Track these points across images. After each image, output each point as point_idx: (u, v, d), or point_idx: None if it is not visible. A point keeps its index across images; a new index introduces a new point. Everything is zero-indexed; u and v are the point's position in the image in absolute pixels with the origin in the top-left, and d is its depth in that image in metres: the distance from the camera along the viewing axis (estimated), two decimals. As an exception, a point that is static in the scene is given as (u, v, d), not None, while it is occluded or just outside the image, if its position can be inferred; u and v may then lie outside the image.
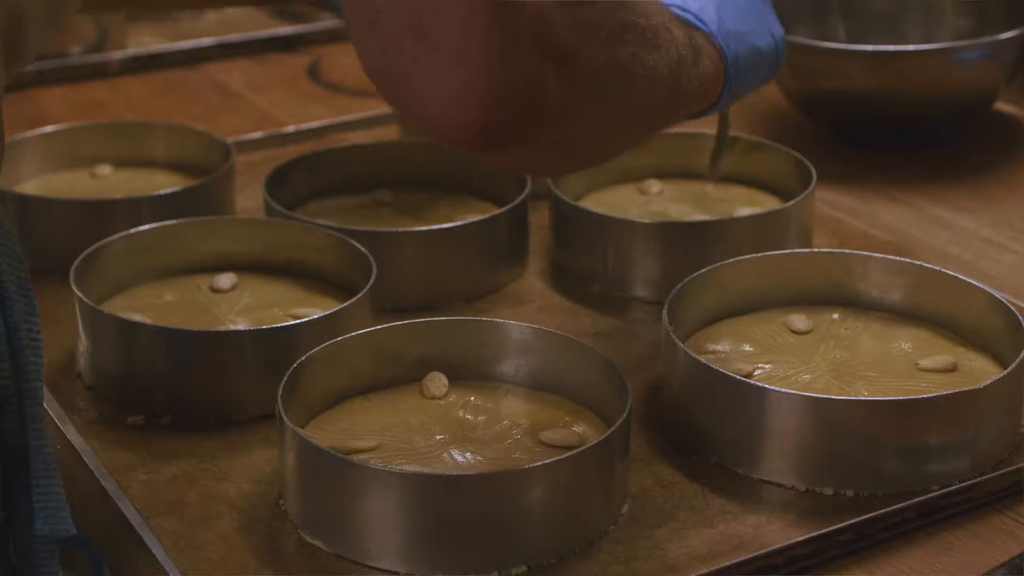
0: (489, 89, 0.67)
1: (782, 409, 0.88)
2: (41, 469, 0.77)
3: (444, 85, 0.67)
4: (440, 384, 0.95)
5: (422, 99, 0.68)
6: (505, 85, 0.68)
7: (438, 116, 0.68)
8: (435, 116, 0.68)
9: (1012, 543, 0.85)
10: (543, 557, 0.83)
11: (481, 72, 0.67)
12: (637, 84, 0.76)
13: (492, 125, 0.68)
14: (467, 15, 0.66)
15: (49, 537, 0.78)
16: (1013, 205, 1.28)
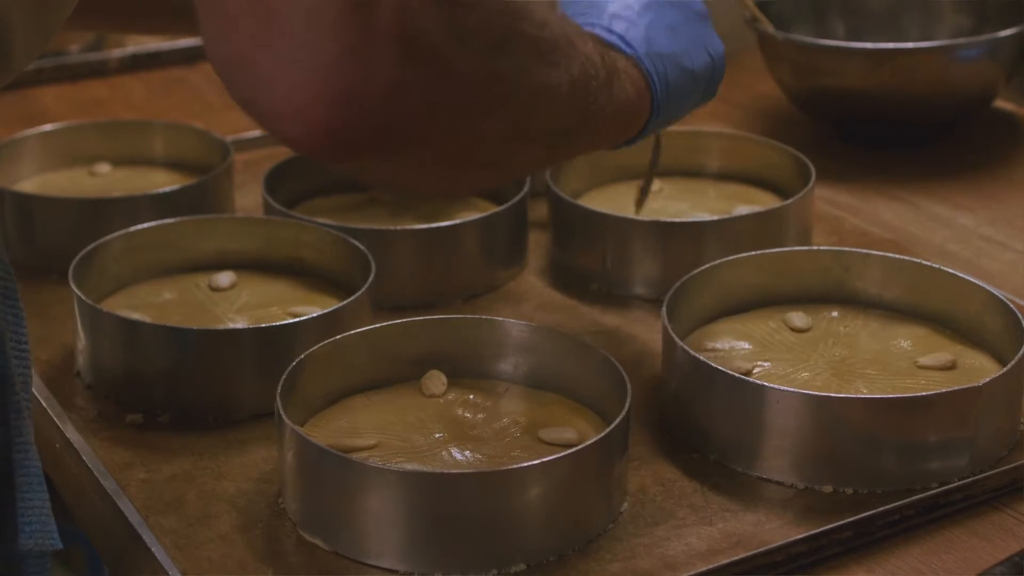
0: (339, 86, 0.61)
1: (781, 407, 0.88)
2: (25, 484, 0.75)
3: (289, 76, 0.61)
4: (439, 382, 0.95)
5: (265, 91, 0.62)
6: (357, 84, 0.61)
7: (281, 112, 0.62)
8: (278, 112, 0.62)
9: (1011, 541, 0.85)
10: (542, 555, 0.83)
11: (331, 65, 0.61)
12: (521, 100, 0.71)
13: (340, 128, 0.62)
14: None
15: (34, 552, 0.76)
16: (1012, 203, 1.28)
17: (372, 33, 0.61)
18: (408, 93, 0.63)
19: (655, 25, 0.91)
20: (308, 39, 0.60)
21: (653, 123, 0.90)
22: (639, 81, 0.88)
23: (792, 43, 1.37)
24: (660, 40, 0.90)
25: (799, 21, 1.47)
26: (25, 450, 0.76)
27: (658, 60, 0.90)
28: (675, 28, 0.92)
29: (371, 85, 0.62)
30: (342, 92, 0.61)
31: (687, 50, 0.92)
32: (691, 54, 0.92)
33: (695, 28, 0.94)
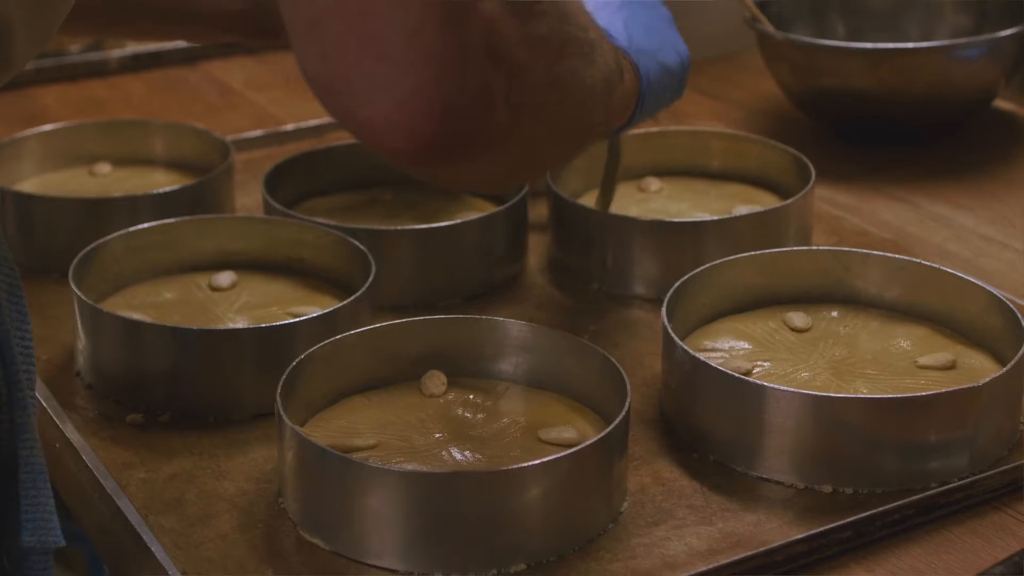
0: (437, 101, 0.65)
1: (781, 407, 0.88)
2: (29, 480, 0.75)
3: (389, 94, 0.64)
4: (439, 382, 0.95)
5: (364, 108, 0.65)
6: (454, 98, 0.65)
7: (381, 127, 0.65)
8: (377, 126, 0.66)
9: (1011, 540, 0.85)
10: (542, 555, 0.83)
11: (430, 83, 0.64)
12: (575, 99, 0.75)
13: (438, 139, 0.66)
14: (418, 22, 0.64)
15: (37, 549, 0.76)
16: (1012, 203, 1.28)
17: (464, 50, 0.65)
18: (494, 102, 0.67)
19: (632, 22, 0.95)
20: (406, 60, 0.64)
21: (637, 115, 0.94)
22: (632, 74, 0.91)
23: (792, 43, 1.37)
24: (639, 36, 0.94)
25: (799, 21, 1.47)
26: (30, 447, 0.76)
27: (640, 55, 0.93)
28: (648, 27, 0.96)
29: (464, 98, 0.65)
30: (440, 108, 0.65)
31: (661, 47, 0.96)
32: (665, 52, 0.97)
33: (664, 28, 0.99)
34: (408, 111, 0.65)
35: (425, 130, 0.65)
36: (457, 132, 0.66)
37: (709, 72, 1.54)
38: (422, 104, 0.65)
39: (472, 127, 0.67)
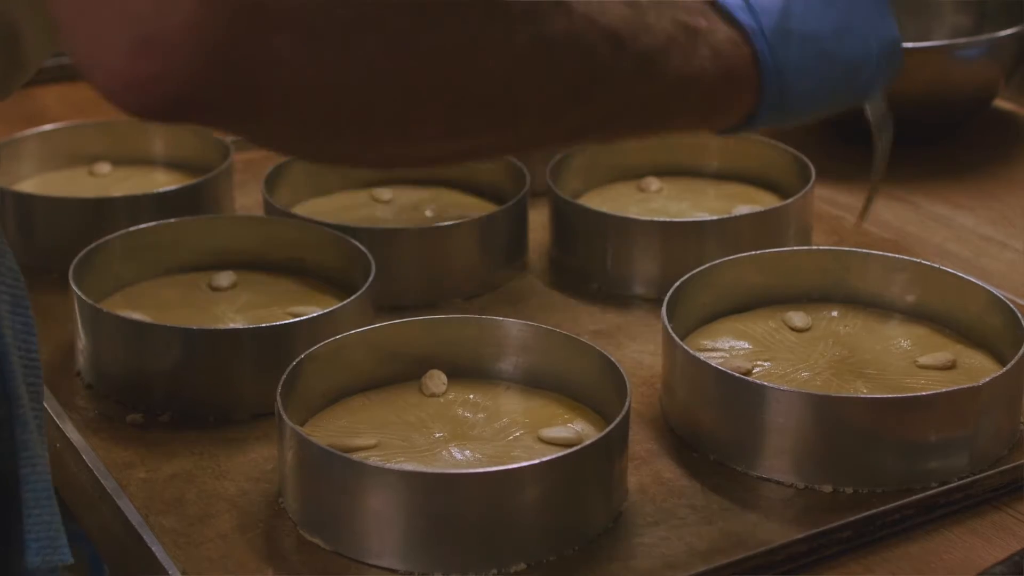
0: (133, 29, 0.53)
1: (781, 407, 0.88)
2: (32, 500, 0.73)
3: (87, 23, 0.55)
4: (439, 382, 0.95)
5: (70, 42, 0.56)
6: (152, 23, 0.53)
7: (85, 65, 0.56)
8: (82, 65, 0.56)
9: (1011, 540, 0.85)
10: (542, 555, 0.83)
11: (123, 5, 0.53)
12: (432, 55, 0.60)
13: (144, 80, 0.54)
14: None
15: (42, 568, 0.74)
16: (1012, 202, 1.28)
17: None
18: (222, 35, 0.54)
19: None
20: None
21: (767, 113, 0.77)
22: (736, 58, 0.75)
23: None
24: (803, 14, 0.77)
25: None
26: (32, 464, 0.73)
27: (789, 40, 0.76)
28: (832, 2, 0.79)
29: (171, 28, 0.53)
30: (138, 37, 0.54)
31: (838, 31, 0.79)
32: (842, 38, 0.79)
33: (861, 7, 0.81)
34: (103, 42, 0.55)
35: (123, 68, 0.54)
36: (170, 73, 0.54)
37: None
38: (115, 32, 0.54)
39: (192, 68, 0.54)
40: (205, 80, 0.54)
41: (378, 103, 0.60)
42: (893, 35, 0.81)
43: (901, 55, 0.81)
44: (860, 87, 0.82)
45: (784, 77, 0.76)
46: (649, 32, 0.70)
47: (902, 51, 0.81)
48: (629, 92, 0.70)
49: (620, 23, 0.68)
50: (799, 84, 0.77)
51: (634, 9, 0.69)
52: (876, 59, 0.81)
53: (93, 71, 0.55)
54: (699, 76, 0.73)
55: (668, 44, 0.71)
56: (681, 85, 0.72)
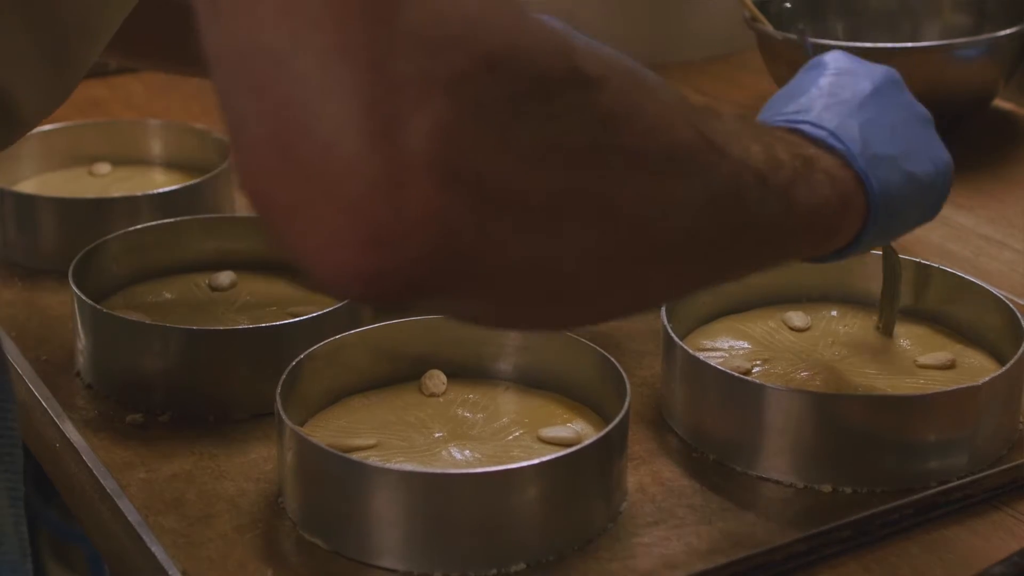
0: (365, 226, 0.53)
1: (780, 406, 0.88)
2: None
3: (312, 217, 0.53)
4: (439, 382, 0.95)
5: (289, 234, 0.54)
6: (387, 222, 0.53)
7: (308, 257, 0.54)
8: (305, 257, 0.54)
9: (1010, 540, 0.85)
10: (542, 555, 0.83)
11: (355, 202, 0.52)
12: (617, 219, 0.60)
13: (374, 273, 0.53)
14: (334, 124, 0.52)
15: None
16: (1012, 202, 1.28)
17: (401, 163, 0.52)
18: (452, 226, 0.54)
19: (874, 124, 0.81)
20: (328, 173, 0.52)
21: (869, 233, 0.80)
22: (846, 182, 0.77)
23: (791, 43, 1.37)
24: (879, 139, 0.80)
25: (799, 20, 1.47)
26: None
27: (876, 161, 0.79)
28: (895, 129, 0.83)
29: (404, 221, 0.53)
30: (369, 233, 0.53)
31: (909, 154, 0.82)
32: (913, 159, 0.82)
33: (917, 132, 0.85)
34: (331, 237, 0.53)
35: (353, 261, 0.53)
36: (398, 266, 0.53)
37: (709, 72, 1.54)
38: (346, 229, 0.53)
39: (419, 260, 0.54)
40: (437, 270, 0.54)
41: (587, 269, 0.61)
42: (948, 158, 0.86)
43: (952, 176, 0.86)
44: (932, 206, 0.86)
45: (884, 196, 0.79)
46: (782, 167, 0.71)
47: (952, 174, 0.86)
48: (772, 228, 0.72)
49: (762, 162, 0.69)
50: (896, 203, 0.80)
51: (766, 146, 0.71)
52: (940, 178, 0.84)
53: (312, 264, 0.54)
54: (824, 203, 0.75)
55: (797, 176, 0.73)
56: (811, 213, 0.74)
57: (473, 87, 0.53)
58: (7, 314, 1.09)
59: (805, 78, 0.85)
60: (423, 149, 0.52)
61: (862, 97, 0.83)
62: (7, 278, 1.15)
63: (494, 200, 0.55)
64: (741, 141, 0.68)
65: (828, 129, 0.79)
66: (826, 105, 0.81)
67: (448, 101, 0.53)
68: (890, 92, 0.85)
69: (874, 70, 0.86)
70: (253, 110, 0.54)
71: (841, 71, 0.85)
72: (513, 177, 0.55)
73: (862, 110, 0.81)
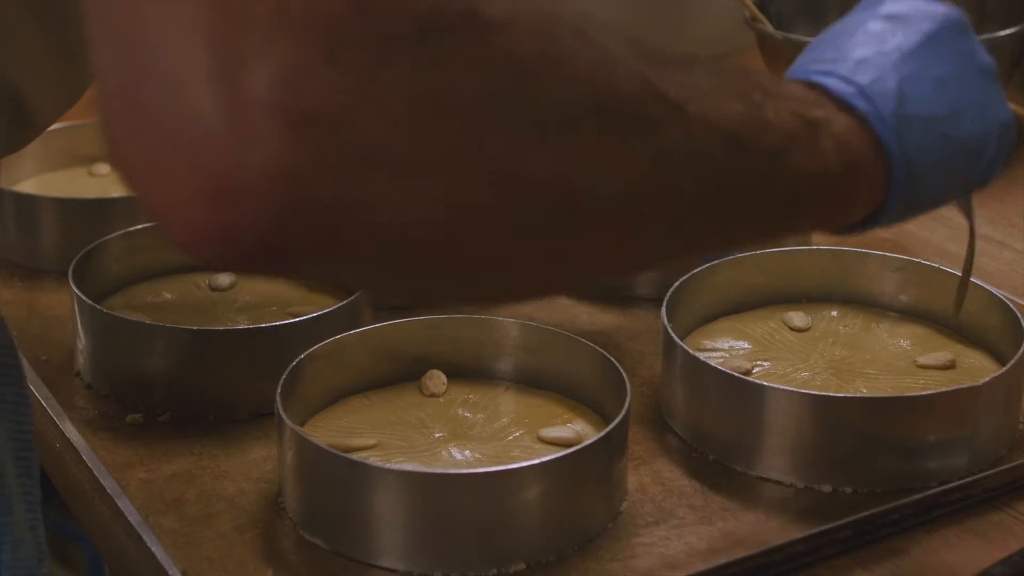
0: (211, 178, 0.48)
1: (781, 406, 0.88)
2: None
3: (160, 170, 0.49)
4: (439, 382, 0.95)
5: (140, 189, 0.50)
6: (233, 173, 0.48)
7: (159, 215, 0.50)
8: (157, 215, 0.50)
9: (1010, 540, 0.85)
10: (542, 555, 0.83)
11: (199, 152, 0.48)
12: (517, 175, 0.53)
13: (225, 231, 0.49)
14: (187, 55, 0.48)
15: None
16: (1011, 202, 1.28)
17: (244, 108, 0.48)
18: (304, 180, 0.49)
19: (918, 78, 0.73)
20: (172, 121, 0.48)
21: (896, 204, 0.72)
22: (859, 149, 0.70)
23: (791, 42, 1.37)
24: (920, 97, 0.72)
25: (799, 21, 1.47)
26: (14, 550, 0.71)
27: (910, 123, 0.71)
28: (945, 83, 0.74)
29: (248, 173, 0.48)
30: (214, 186, 0.48)
31: (957, 113, 0.74)
32: (962, 119, 0.74)
33: (974, 86, 0.77)
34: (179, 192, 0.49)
35: (201, 218, 0.49)
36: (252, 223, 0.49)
37: (709, 72, 1.54)
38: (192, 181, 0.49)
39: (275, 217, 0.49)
40: (291, 228, 0.50)
41: (483, 236, 0.54)
42: (1008, 116, 0.77)
43: (1015, 136, 0.78)
44: (982, 171, 0.76)
45: (912, 163, 0.71)
46: (769, 129, 0.64)
47: (1015, 132, 0.78)
48: (752, 197, 0.65)
49: (738, 123, 0.62)
50: (926, 170, 0.72)
51: (751, 105, 0.64)
52: (996, 141, 0.76)
53: (165, 223, 0.50)
54: (824, 172, 0.68)
55: (789, 141, 0.65)
56: (806, 184, 0.67)
57: (336, 27, 0.48)
58: (7, 314, 1.09)
59: (855, 19, 0.77)
60: (268, 93, 0.48)
61: (911, 46, 0.74)
62: (7, 278, 1.15)
63: (357, 153, 0.49)
64: (712, 98, 0.62)
65: (859, 85, 0.71)
66: (867, 55, 0.73)
67: (302, 40, 0.48)
68: (949, 38, 0.76)
69: (935, 11, 0.76)
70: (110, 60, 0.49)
71: (895, 15, 0.76)
72: (381, 128, 0.50)
73: (907, 62, 0.73)
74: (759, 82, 0.67)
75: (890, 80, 0.72)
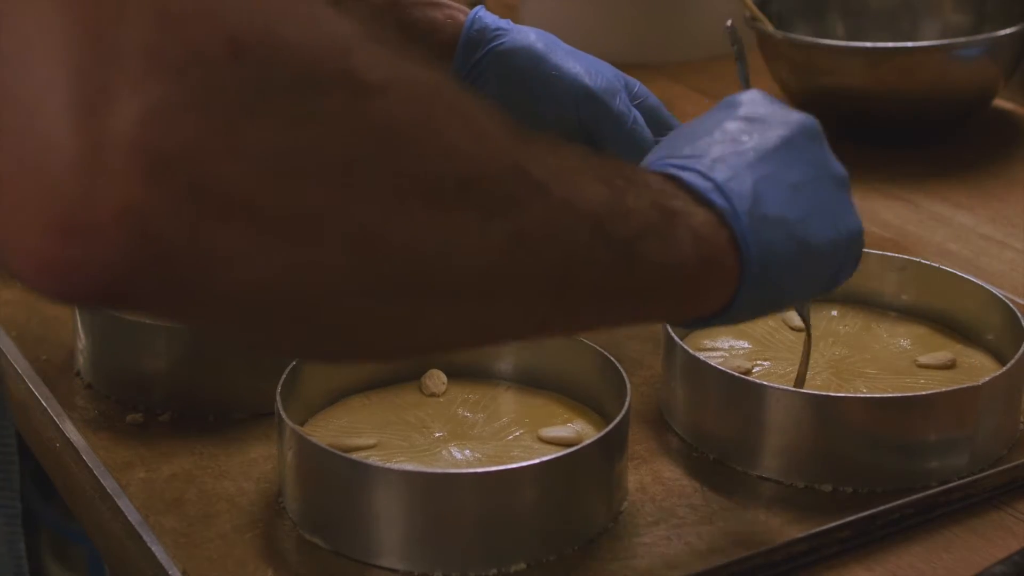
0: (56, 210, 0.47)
1: (781, 406, 0.88)
2: None
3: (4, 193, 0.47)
4: (439, 381, 0.95)
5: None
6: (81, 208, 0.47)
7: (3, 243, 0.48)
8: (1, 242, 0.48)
9: (1010, 540, 0.85)
10: (542, 554, 0.83)
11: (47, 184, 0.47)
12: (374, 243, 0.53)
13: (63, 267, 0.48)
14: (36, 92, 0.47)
15: None
16: (1012, 202, 1.28)
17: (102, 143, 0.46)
18: (156, 226, 0.47)
19: (773, 180, 0.73)
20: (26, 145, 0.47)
21: (745, 301, 0.72)
22: (716, 243, 0.70)
23: (791, 42, 1.37)
24: (775, 199, 0.72)
25: (798, 20, 1.47)
26: None
27: (765, 224, 0.71)
28: (798, 188, 0.74)
29: (98, 211, 0.47)
30: (60, 219, 0.47)
31: (809, 218, 0.74)
32: (813, 224, 0.74)
33: (826, 194, 0.76)
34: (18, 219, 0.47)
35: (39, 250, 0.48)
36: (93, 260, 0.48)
37: (709, 71, 1.54)
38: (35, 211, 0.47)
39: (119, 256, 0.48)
40: (136, 270, 0.48)
41: (335, 300, 0.54)
42: (857, 226, 0.77)
43: (863, 244, 0.78)
44: (830, 277, 0.77)
45: (765, 263, 0.71)
46: (629, 216, 0.64)
47: (863, 242, 0.78)
48: (607, 282, 0.64)
49: (599, 206, 0.63)
50: (778, 271, 0.72)
51: (613, 190, 0.64)
52: (846, 248, 0.76)
53: (3, 249, 0.48)
54: (679, 263, 0.68)
55: (648, 229, 0.66)
56: (660, 274, 0.67)
57: (210, 70, 0.47)
58: (7, 314, 1.09)
59: (712, 117, 0.77)
60: (130, 130, 0.46)
61: (768, 148, 0.74)
62: (7, 278, 1.15)
63: (216, 205, 0.48)
64: (576, 181, 0.62)
65: (716, 182, 0.71)
66: (723, 153, 0.73)
67: (171, 82, 0.47)
68: (803, 145, 0.76)
69: (790, 118, 0.77)
70: None
71: (753, 117, 0.76)
72: (242, 180, 0.48)
73: (763, 163, 0.73)
74: (621, 168, 0.67)
75: (746, 180, 0.72)
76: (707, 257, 0.69)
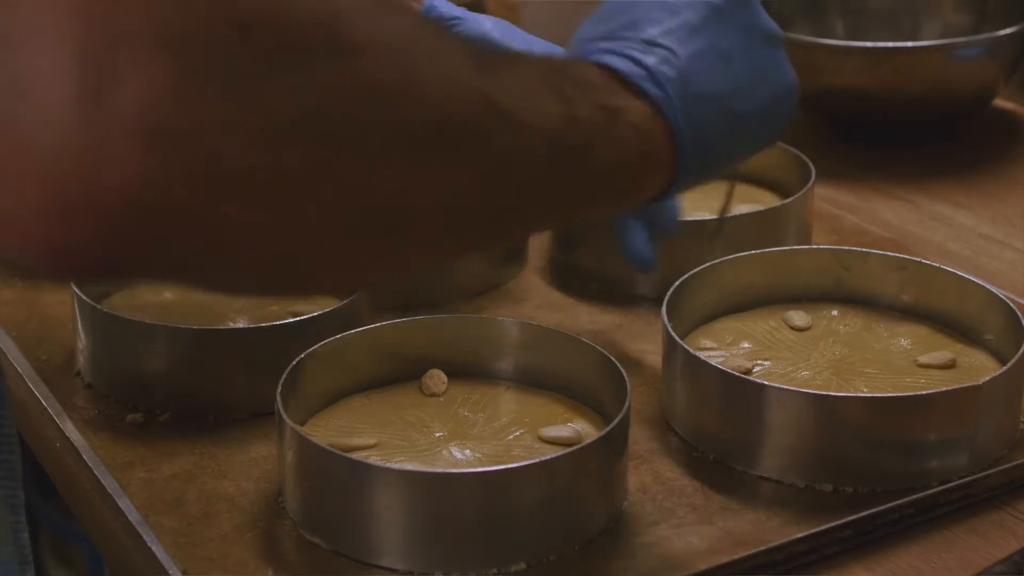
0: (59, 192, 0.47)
1: (781, 406, 0.88)
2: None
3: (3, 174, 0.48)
4: (439, 381, 0.95)
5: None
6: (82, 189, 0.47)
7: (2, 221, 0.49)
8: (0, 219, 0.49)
9: (1011, 539, 0.85)
10: (542, 554, 0.83)
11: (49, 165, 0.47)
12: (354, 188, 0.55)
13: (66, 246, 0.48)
14: None
15: None
16: (1012, 201, 1.28)
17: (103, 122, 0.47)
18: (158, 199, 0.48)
19: (703, 55, 0.75)
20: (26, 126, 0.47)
21: (684, 179, 0.75)
22: (653, 134, 0.73)
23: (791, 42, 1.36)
24: (705, 75, 0.75)
25: (798, 20, 1.47)
26: None
27: (696, 103, 0.74)
28: (729, 57, 0.77)
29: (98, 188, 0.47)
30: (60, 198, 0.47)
31: (739, 88, 0.77)
32: (744, 92, 0.77)
33: (757, 56, 0.79)
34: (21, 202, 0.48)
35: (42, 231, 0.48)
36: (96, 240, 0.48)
37: (709, 71, 1.54)
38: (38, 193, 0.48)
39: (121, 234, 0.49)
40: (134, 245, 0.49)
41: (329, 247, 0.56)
42: (791, 80, 0.80)
43: (797, 97, 0.81)
44: (767, 136, 0.81)
45: (699, 142, 0.74)
46: (580, 125, 0.67)
47: (798, 94, 0.81)
48: (559, 191, 0.67)
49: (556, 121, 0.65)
50: (712, 145, 0.75)
51: (565, 102, 0.66)
52: (779, 105, 0.80)
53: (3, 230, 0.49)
54: (624, 161, 0.71)
55: (596, 134, 0.68)
56: (607, 174, 0.70)
57: (209, 48, 0.48)
58: (7, 314, 1.09)
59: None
60: (130, 109, 0.47)
61: (698, 20, 0.76)
62: (7, 278, 1.15)
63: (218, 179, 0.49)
64: (535, 101, 0.64)
65: (649, 69, 0.73)
66: (652, 37, 0.74)
67: (172, 60, 0.47)
68: (731, 12, 0.78)
69: None
70: None
71: None
72: (246, 155, 0.50)
73: (694, 37, 0.75)
74: (567, 72, 0.69)
75: (677, 61, 0.74)
76: (646, 152, 0.72)
